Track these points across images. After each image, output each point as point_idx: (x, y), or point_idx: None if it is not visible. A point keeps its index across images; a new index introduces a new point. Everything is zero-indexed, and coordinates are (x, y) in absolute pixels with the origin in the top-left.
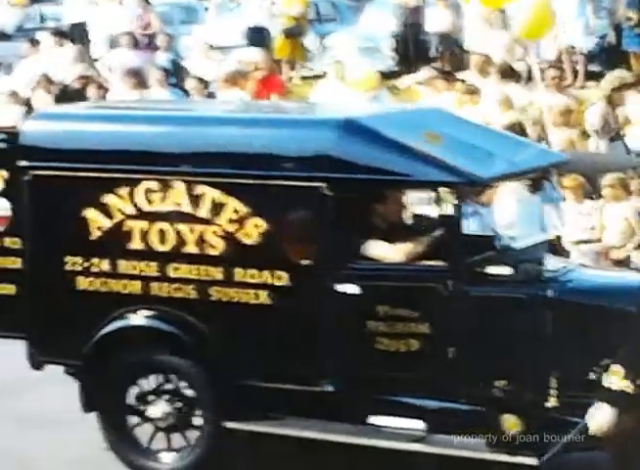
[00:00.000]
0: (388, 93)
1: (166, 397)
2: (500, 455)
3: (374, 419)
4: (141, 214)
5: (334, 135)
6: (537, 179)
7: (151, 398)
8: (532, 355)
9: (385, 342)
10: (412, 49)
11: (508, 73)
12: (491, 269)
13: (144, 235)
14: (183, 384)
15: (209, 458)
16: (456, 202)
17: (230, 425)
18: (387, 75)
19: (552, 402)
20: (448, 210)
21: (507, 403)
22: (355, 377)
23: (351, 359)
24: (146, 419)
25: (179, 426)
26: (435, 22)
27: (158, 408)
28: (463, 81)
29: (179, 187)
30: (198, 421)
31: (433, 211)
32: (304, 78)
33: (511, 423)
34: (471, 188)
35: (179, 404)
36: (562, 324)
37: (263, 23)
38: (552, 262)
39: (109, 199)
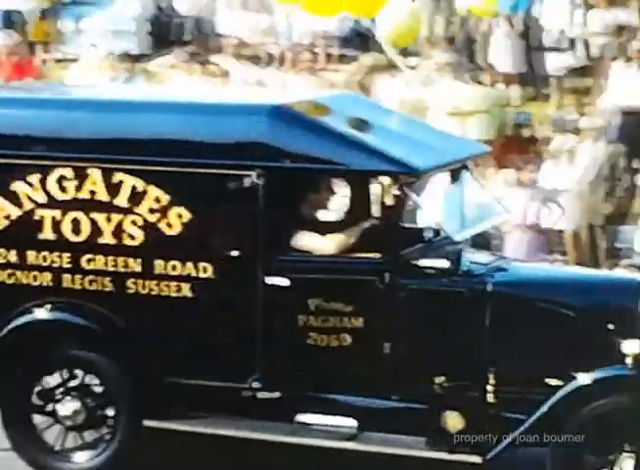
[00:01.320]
0: (142, 76)
1: (76, 394)
2: (442, 454)
3: (303, 417)
4: (53, 203)
5: (264, 122)
6: (456, 170)
7: (59, 395)
8: (471, 350)
9: (316, 337)
10: (165, 32)
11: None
12: (428, 262)
13: (56, 225)
14: (96, 380)
15: (124, 456)
16: (395, 192)
17: (149, 423)
18: (140, 58)
19: (491, 399)
20: (386, 200)
21: (448, 400)
22: (284, 373)
23: (280, 355)
24: (53, 418)
25: (91, 424)
26: (188, 4)
27: (67, 406)
28: (215, 64)
29: (95, 175)
30: (111, 419)
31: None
32: (58, 61)
33: (453, 420)
34: (409, 178)
35: (90, 402)
36: (500, 318)
37: (17, 5)
38: (484, 256)
39: (18, 186)
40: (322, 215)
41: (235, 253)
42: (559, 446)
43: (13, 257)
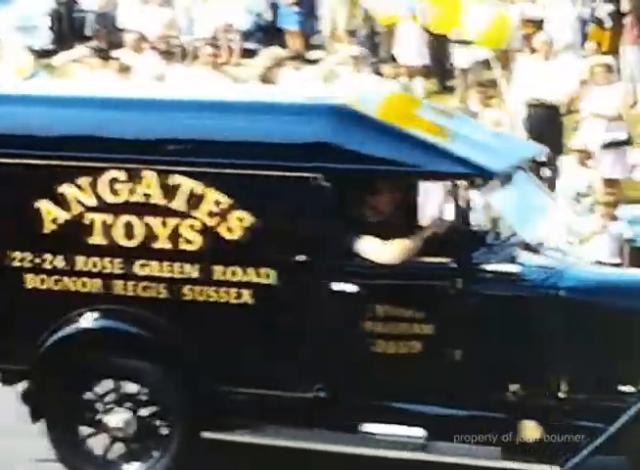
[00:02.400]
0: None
1: (126, 404)
2: (519, 464)
3: (368, 427)
4: (104, 206)
5: (331, 122)
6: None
7: (108, 406)
8: (544, 357)
9: (383, 344)
10: (67, 27)
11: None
12: (500, 267)
13: (107, 229)
14: (148, 390)
15: (179, 468)
16: (468, 195)
17: (207, 435)
18: (43, 54)
19: (566, 407)
20: (459, 203)
21: (523, 409)
22: (349, 382)
23: (345, 363)
24: (101, 429)
25: (141, 436)
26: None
27: (116, 417)
28: (117, 59)
29: (150, 177)
30: (164, 430)
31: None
32: None
33: (530, 429)
34: (483, 181)
35: (141, 413)
36: (572, 324)
37: None
38: (547, 259)
39: (66, 189)
40: (386, 219)
41: (301, 257)
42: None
43: (60, 262)
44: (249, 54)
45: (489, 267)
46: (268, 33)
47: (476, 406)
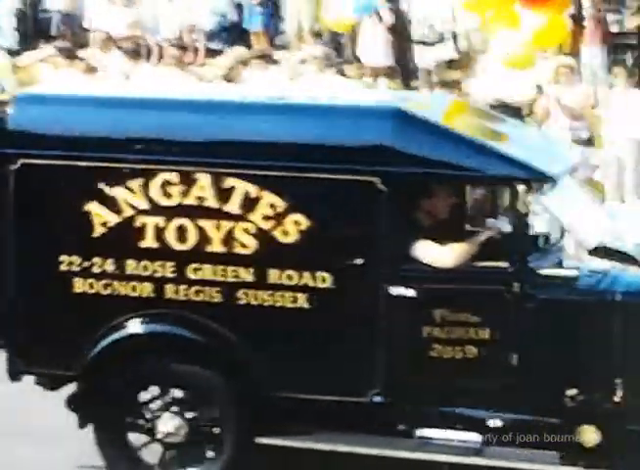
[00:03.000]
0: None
1: (177, 410)
2: (577, 468)
3: (423, 432)
4: (156, 209)
5: (389, 125)
6: None
7: (158, 412)
8: (600, 362)
9: (439, 349)
10: (33, 27)
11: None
12: (556, 271)
13: (159, 232)
14: (200, 396)
15: None
16: (527, 199)
17: (262, 440)
18: (8, 54)
19: (623, 410)
20: (518, 207)
21: (581, 413)
22: (405, 387)
23: (402, 368)
24: (151, 435)
25: (192, 442)
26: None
27: (167, 423)
28: (83, 59)
29: (204, 180)
30: (216, 436)
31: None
32: None
33: (588, 434)
34: (542, 185)
35: (193, 418)
36: (628, 328)
37: None
38: (596, 262)
39: (117, 192)
40: (442, 223)
41: (359, 261)
42: None
43: (110, 266)
44: (214, 54)
45: (546, 272)
46: (233, 34)
47: (532, 411)
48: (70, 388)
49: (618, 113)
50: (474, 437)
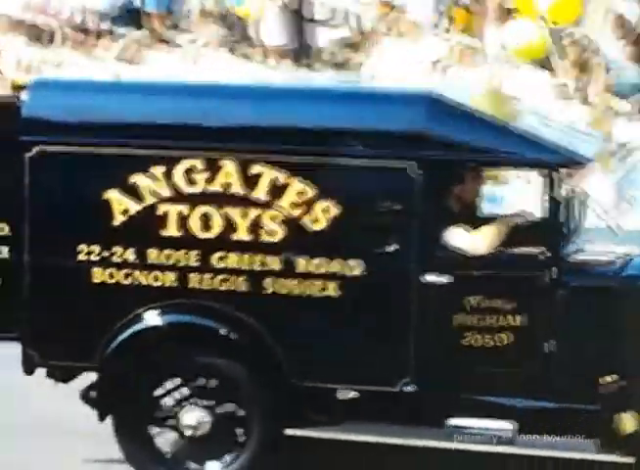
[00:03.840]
0: None
1: (201, 402)
2: (616, 456)
3: (455, 421)
4: (179, 197)
5: (423, 110)
6: None
7: (181, 405)
8: (635, 348)
9: (472, 336)
10: None
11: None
12: (592, 257)
13: (182, 220)
14: (225, 387)
15: (260, 467)
16: (562, 183)
17: (291, 432)
18: None
19: None
20: (553, 192)
21: (618, 400)
22: (437, 376)
23: (434, 357)
24: (174, 428)
25: (217, 435)
26: None
27: (190, 416)
28: None
29: (230, 166)
30: (242, 429)
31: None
32: None
33: (627, 421)
34: (578, 169)
35: (217, 411)
36: None
37: None
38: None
39: (138, 179)
40: (470, 208)
41: (392, 248)
42: None
43: (130, 255)
44: (112, 36)
45: (581, 257)
46: (134, 16)
47: (568, 399)
48: (82, 380)
49: (523, 92)
50: (506, 425)
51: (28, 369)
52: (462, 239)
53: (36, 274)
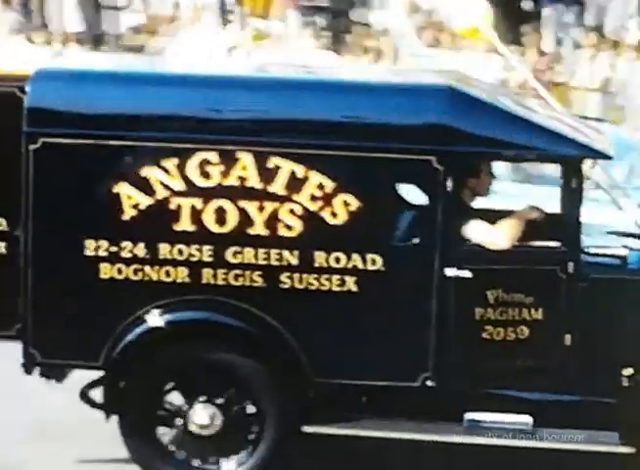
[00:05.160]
0: None
1: (214, 401)
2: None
3: (473, 415)
4: (193, 190)
5: (445, 103)
6: None
7: (195, 402)
8: None
9: (492, 330)
10: None
11: None
12: (609, 250)
13: (196, 215)
14: (239, 384)
15: (276, 464)
16: (579, 177)
17: (308, 429)
18: None
19: None
20: (572, 185)
21: (638, 393)
22: (457, 370)
23: (454, 351)
24: (185, 427)
25: (228, 433)
26: None
27: (201, 414)
28: None
29: (246, 159)
30: (256, 426)
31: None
32: None
33: None
34: (594, 163)
35: (230, 409)
36: None
37: None
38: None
39: (149, 172)
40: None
41: (414, 241)
42: None
43: (141, 250)
44: None
45: (599, 251)
46: None
47: (587, 392)
48: (79, 380)
49: None
50: (525, 419)
51: (29, 368)
52: (482, 233)
53: (40, 271)
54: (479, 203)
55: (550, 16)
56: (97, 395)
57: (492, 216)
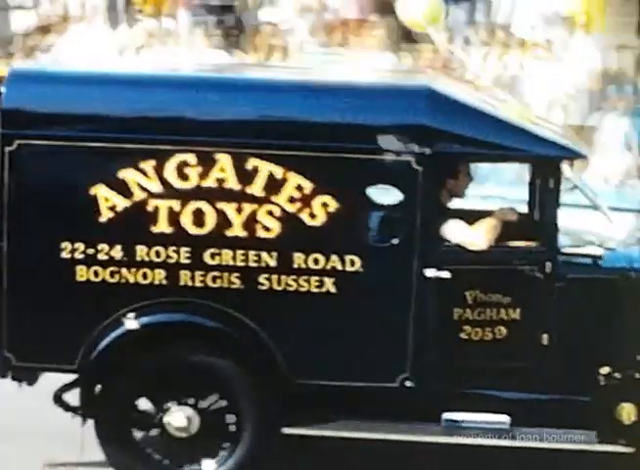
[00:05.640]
0: None
1: (189, 403)
2: (616, 447)
3: (451, 415)
4: (170, 192)
5: (424, 104)
6: None
7: (167, 406)
8: (634, 338)
9: (470, 330)
10: None
11: None
12: (585, 250)
13: (173, 217)
14: (216, 386)
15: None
16: (558, 177)
17: (287, 431)
18: None
19: None
20: (550, 185)
21: (615, 391)
22: (435, 370)
23: (432, 351)
24: (159, 429)
25: (205, 435)
26: None
27: (177, 417)
28: None
29: (224, 160)
30: (233, 428)
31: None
32: None
33: (626, 412)
34: (573, 164)
35: (206, 411)
36: None
37: None
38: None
39: (126, 174)
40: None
41: (393, 242)
42: None
43: (117, 253)
44: None
45: (575, 251)
46: None
47: (564, 391)
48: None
49: None
50: (503, 418)
51: (4, 372)
52: (460, 234)
53: (16, 273)
54: (455, 203)
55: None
56: (71, 398)
57: (469, 217)
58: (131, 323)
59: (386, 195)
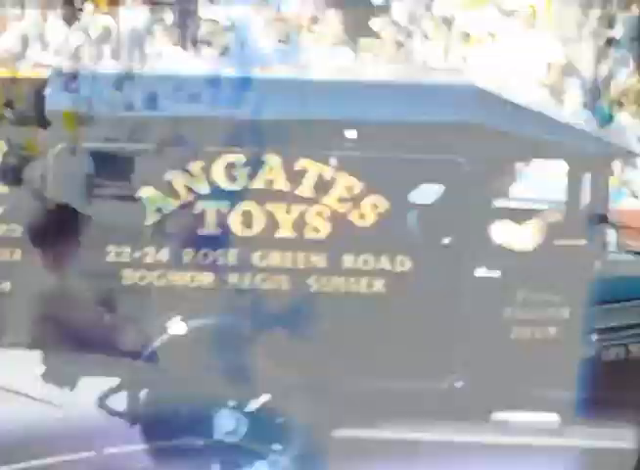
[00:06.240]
0: None
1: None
2: None
3: (500, 415)
4: (218, 194)
5: (472, 102)
6: None
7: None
8: None
9: (519, 330)
10: None
11: None
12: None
13: (221, 218)
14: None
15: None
16: (608, 175)
17: (339, 433)
18: None
19: None
20: (599, 184)
21: None
22: (485, 370)
23: (483, 351)
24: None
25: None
26: None
27: (227, 420)
28: None
29: (273, 161)
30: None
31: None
32: None
33: None
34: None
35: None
36: None
37: None
38: None
39: (173, 176)
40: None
41: (445, 241)
42: None
43: (164, 255)
44: None
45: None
46: None
47: (615, 388)
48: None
49: None
50: (552, 417)
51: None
52: (509, 234)
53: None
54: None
55: (400, 8)
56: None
57: (515, 216)
58: (178, 327)
59: (433, 194)
